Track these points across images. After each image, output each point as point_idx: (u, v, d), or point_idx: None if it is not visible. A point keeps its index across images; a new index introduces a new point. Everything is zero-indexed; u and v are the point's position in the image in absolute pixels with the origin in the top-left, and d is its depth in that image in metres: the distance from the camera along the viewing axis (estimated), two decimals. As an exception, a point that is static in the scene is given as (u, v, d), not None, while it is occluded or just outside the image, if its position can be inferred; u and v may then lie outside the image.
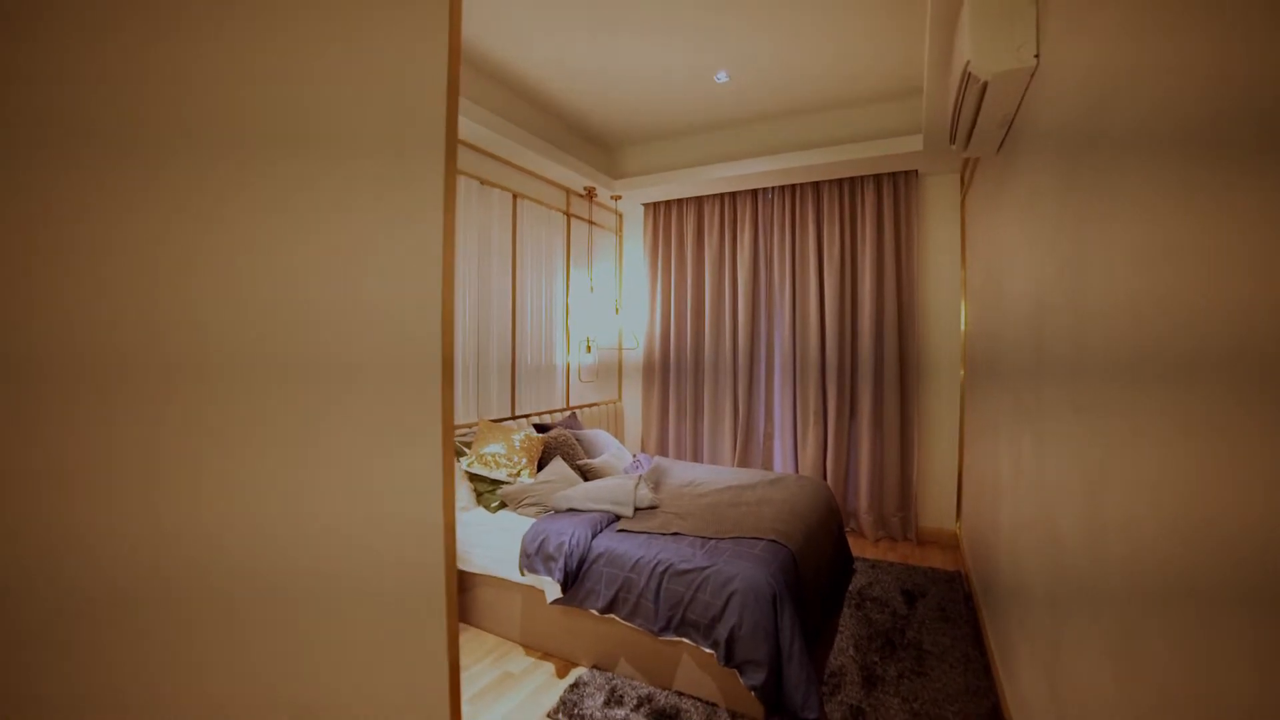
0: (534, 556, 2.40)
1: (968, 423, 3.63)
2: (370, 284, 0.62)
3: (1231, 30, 0.73)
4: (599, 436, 3.70)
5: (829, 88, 3.57)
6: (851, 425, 4.12)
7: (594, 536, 2.41)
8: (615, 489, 2.72)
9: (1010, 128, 2.22)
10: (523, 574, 2.45)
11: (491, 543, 2.59)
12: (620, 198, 4.59)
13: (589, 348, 4.40)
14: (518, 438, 3.07)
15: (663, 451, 4.77)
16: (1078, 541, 1.31)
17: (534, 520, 2.59)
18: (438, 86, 0.73)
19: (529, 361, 3.98)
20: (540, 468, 3.09)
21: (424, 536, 0.70)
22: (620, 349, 5.00)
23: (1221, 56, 0.75)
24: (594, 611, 2.30)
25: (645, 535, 2.38)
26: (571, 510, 2.60)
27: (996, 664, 2.35)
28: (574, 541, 2.35)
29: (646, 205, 4.82)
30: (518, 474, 2.89)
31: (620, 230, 5.07)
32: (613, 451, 3.54)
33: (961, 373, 3.85)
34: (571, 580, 2.33)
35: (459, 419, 3.36)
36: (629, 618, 2.22)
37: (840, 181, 4.11)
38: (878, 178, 4.01)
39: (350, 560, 0.59)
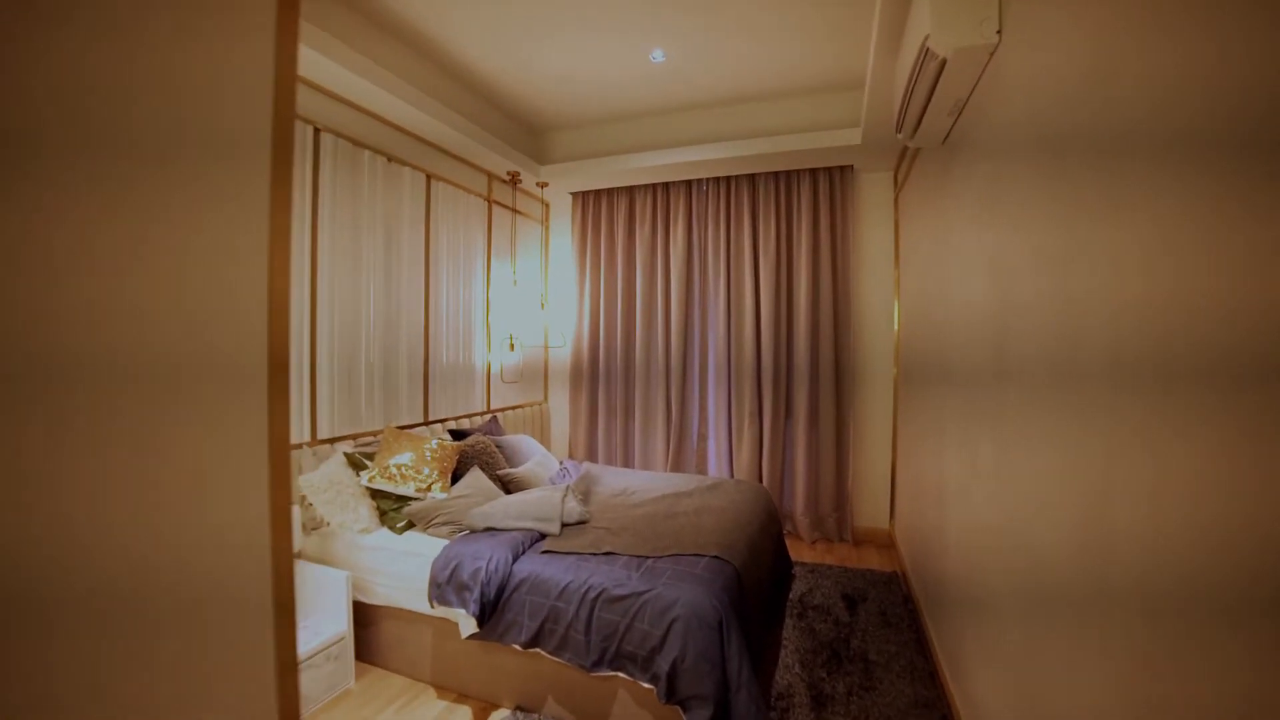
0: (445, 586, 2.08)
1: (902, 422, 3.60)
2: (166, 280, 0.50)
3: (1226, 29, 0.72)
4: (522, 442, 3.39)
5: (768, 76, 3.42)
6: (787, 426, 4.01)
7: (515, 560, 2.12)
8: (539, 503, 2.44)
9: (960, 115, 2.12)
10: (433, 606, 2.13)
11: (396, 570, 2.24)
12: (547, 185, 4.28)
13: (512, 346, 4.07)
14: (429, 446, 2.72)
15: (592, 456, 4.50)
16: (1069, 548, 1.18)
17: (446, 542, 2.26)
18: (260, 50, 0.57)
19: (444, 361, 3.62)
20: (455, 480, 2.75)
21: (238, 557, 0.57)
22: (546, 347, 4.69)
23: (1208, 53, 0.75)
24: (516, 647, 2.01)
25: (574, 557, 2.11)
26: (490, 529, 2.29)
27: (944, 672, 2.25)
28: (492, 567, 2.05)
29: (575, 194, 4.53)
30: (428, 488, 2.55)
31: (547, 221, 4.76)
32: (537, 459, 3.24)
33: (895, 372, 3.82)
34: (489, 612, 2.03)
35: (363, 426, 2.95)
36: (556, 652, 1.95)
37: (776, 175, 3.99)
38: (814, 172, 3.91)
39: (142, 584, 0.48)
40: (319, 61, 2.41)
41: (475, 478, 2.72)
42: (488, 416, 3.83)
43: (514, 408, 4.27)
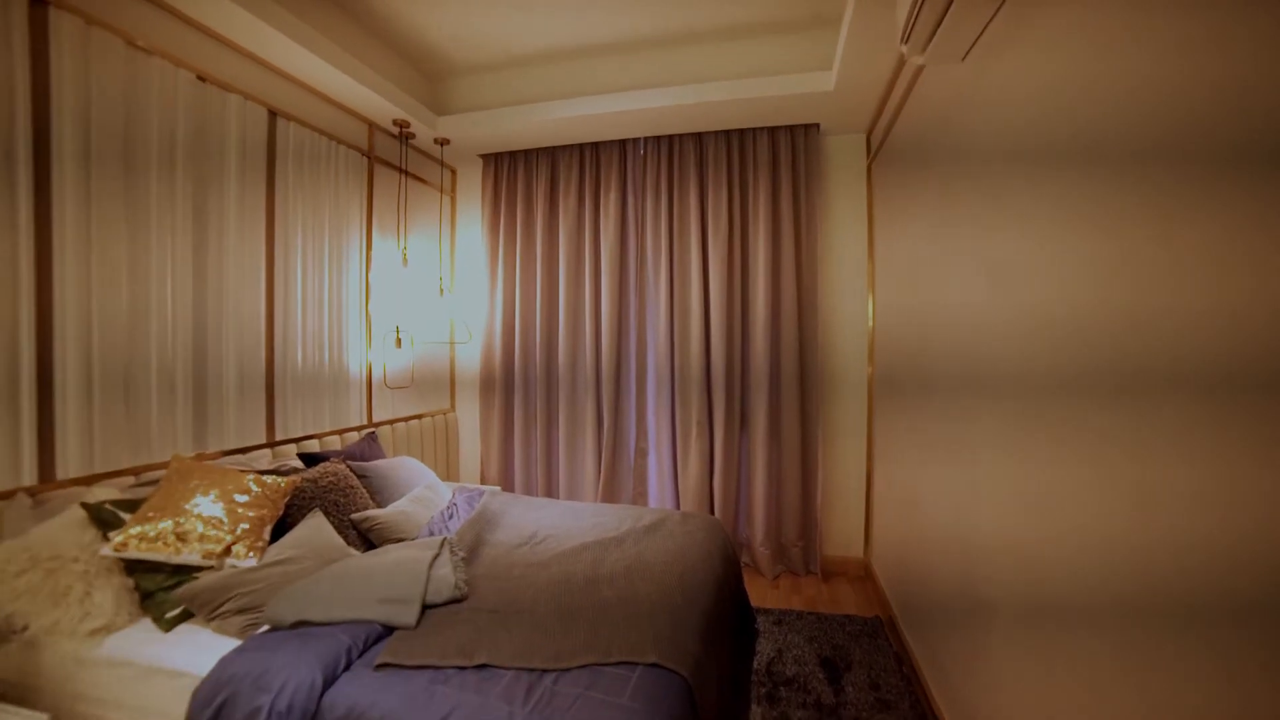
0: (206, 736, 1.25)
1: (880, 433, 2.97)
2: None
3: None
4: (401, 468, 2.55)
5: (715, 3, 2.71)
6: (743, 438, 3.32)
7: (330, 683, 1.30)
8: (393, 574, 1.63)
9: (1003, 5, 1.45)
10: (191, 764, 1.29)
11: (141, 701, 1.38)
12: (448, 142, 3.44)
13: (399, 342, 3.21)
14: (244, 484, 1.87)
15: (507, 479, 3.68)
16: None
17: (236, 646, 1.42)
18: None
19: (304, 363, 2.73)
20: (284, 532, 1.91)
21: None
22: (452, 344, 3.84)
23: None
24: (323, 836, 1.21)
25: (428, 674, 1.31)
26: (302, 625, 1.46)
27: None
28: (284, 703, 1.23)
29: (485, 157, 3.71)
30: (224, 551, 1.69)
31: (453, 190, 3.91)
32: (418, 492, 2.41)
33: (870, 373, 3.20)
34: (276, 782, 1.21)
35: (156, 454, 2.06)
36: (389, 847, 1.16)
37: (728, 135, 3.30)
38: (773, 132, 3.24)
39: None
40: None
41: (311, 530, 1.88)
42: (366, 433, 2.96)
43: (408, 419, 3.41)
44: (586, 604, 1.59)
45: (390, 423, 3.26)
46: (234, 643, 1.46)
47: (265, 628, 1.48)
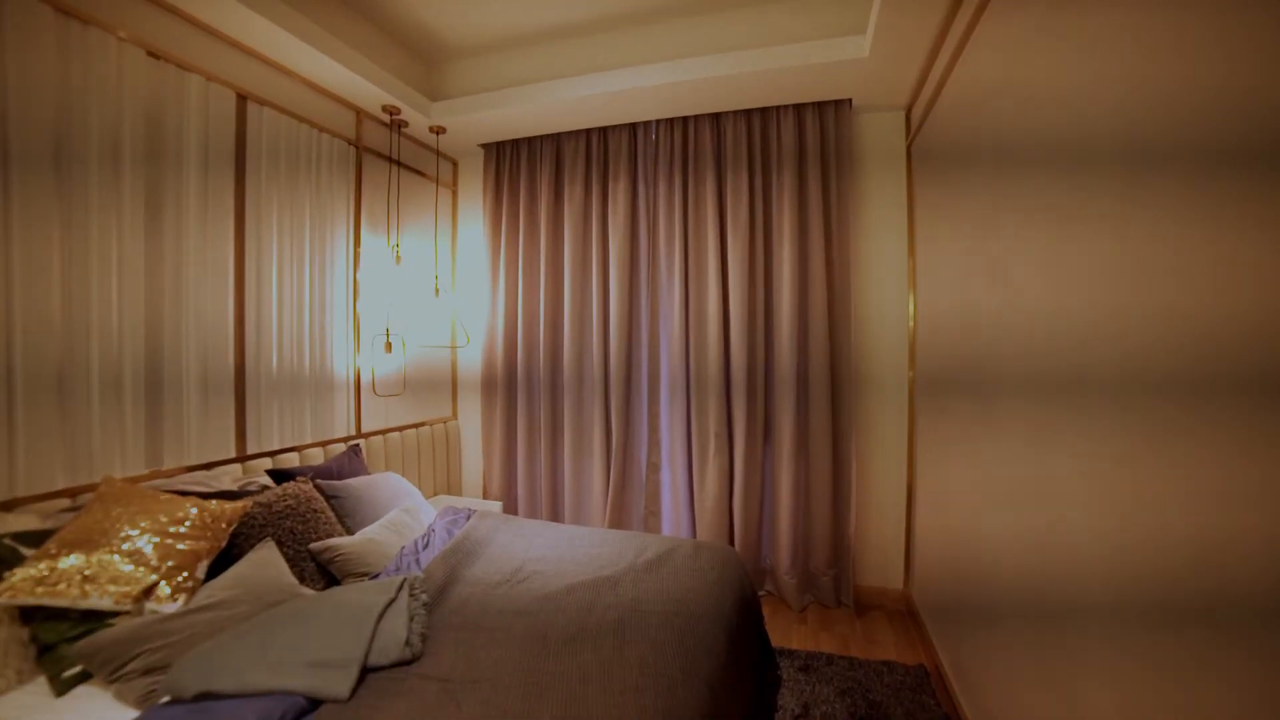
0: None
1: (925, 447, 2.60)
2: None
3: None
4: (381, 486, 2.30)
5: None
6: (766, 451, 2.98)
7: (220, 786, 1.03)
8: (330, 626, 1.35)
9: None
10: None
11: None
12: (444, 130, 3.19)
13: (389, 346, 2.96)
14: (183, 512, 1.62)
15: (510, 495, 3.41)
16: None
17: (133, 716, 1.17)
18: None
19: (280, 369, 2.50)
20: (226, 566, 1.65)
21: None
22: (454, 348, 3.59)
23: None
24: None
25: (341, 779, 1.03)
26: (206, 698, 1.19)
27: None
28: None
29: (486, 146, 3.45)
30: (143, 593, 1.44)
31: (454, 183, 3.67)
32: (394, 515, 2.15)
33: (910, 377, 2.83)
34: None
35: (97, 472, 1.83)
36: None
37: (749, 114, 2.97)
38: (799, 110, 2.90)
39: None
40: None
41: (255, 565, 1.62)
42: (349, 446, 2.72)
43: (403, 429, 3.16)
44: (561, 672, 1.29)
45: (382, 433, 3.02)
46: (131, 714, 1.20)
47: (167, 699, 1.21)
